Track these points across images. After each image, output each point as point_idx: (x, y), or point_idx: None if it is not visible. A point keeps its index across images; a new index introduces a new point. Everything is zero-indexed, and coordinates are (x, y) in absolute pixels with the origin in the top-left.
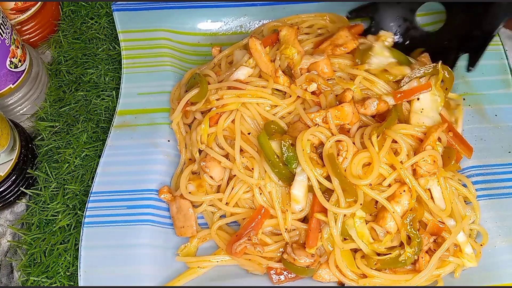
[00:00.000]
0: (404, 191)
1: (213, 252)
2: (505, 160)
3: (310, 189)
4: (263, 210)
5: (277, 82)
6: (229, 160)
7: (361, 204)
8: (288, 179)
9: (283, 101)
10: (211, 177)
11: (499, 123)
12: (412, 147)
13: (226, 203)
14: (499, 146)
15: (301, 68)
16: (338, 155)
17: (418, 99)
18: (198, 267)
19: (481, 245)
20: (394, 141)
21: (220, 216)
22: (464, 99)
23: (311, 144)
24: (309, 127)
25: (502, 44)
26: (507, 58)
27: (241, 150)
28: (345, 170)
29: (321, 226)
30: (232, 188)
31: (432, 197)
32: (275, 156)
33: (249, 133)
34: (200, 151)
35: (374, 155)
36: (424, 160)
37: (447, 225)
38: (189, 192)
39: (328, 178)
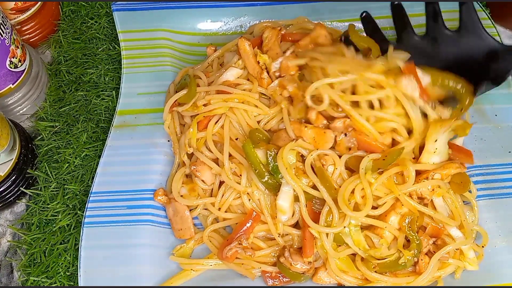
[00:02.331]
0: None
1: (206, 256)
2: (505, 160)
3: (297, 198)
4: (254, 214)
5: (261, 84)
6: (218, 165)
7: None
8: (275, 188)
9: (271, 110)
10: (202, 181)
11: (499, 123)
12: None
13: (219, 208)
14: (499, 146)
15: (274, 71)
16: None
17: (436, 140)
18: (191, 269)
19: (482, 246)
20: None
21: (216, 219)
22: None
23: (296, 153)
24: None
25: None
26: None
27: (230, 155)
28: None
29: (315, 235)
30: (223, 195)
31: (433, 205)
32: (261, 166)
33: (236, 139)
34: (188, 155)
35: (368, 193)
36: (429, 189)
37: (449, 232)
38: (181, 196)
39: (314, 187)
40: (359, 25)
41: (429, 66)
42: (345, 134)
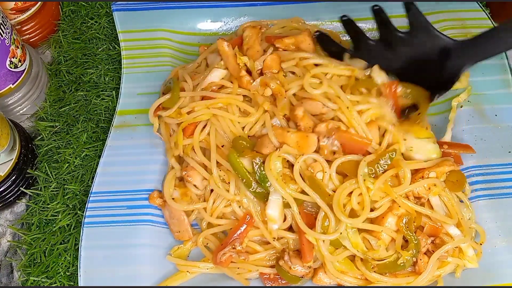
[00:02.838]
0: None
1: (202, 259)
2: (505, 160)
3: (288, 204)
4: (248, 218)
5: (241, 84)
6: (207, 171)
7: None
8: (263, 197)
9: (251, 117)
10: (195, 185)
11: (499, 123)
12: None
13: (211, 214)
14: (499, 146)
15: (258, 69)
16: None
17: (404, 139)
18: (187, 271)
19: (480, 244)
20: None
21: (210, 223)
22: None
23: (282, 159)
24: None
25: None
26: (507, 58)
27: (217, 163)
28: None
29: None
30: (214, 202)
31: (430, 204)
32: (248, 175)
33: (222, 146)
34: (179, 159)
35: (365, 198)
36: (425, 188)
37: (447, 230)
38: (173, 199)
39: (303, 191)
40: (362, 25)
41: (388, 68)
42: (328, 138)
